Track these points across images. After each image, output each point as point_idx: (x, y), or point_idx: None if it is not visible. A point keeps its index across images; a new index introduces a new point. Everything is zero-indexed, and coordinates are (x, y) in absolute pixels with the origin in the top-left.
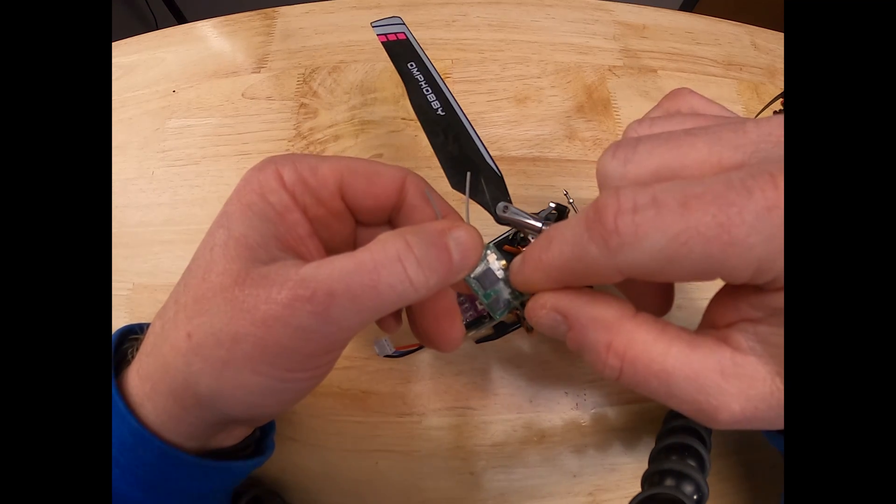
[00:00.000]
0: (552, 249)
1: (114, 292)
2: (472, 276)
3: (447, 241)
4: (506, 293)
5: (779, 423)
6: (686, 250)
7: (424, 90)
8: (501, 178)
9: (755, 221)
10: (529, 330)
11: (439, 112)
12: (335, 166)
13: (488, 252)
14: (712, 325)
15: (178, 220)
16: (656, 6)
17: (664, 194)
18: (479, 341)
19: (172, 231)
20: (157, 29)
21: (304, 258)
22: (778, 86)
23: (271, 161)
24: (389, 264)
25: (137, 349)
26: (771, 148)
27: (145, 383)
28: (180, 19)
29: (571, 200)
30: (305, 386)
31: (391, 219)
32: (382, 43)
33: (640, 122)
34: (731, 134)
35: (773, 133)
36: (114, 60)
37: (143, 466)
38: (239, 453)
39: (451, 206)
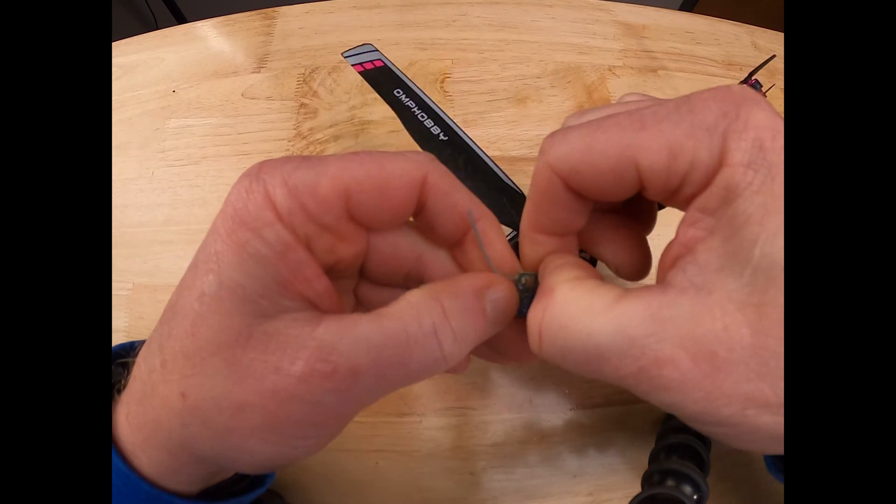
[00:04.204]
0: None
1: (114, 292)
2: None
3: (484, 303)
4: None
5: (754, 379)
6: (604, 138)
7: (419, 117)
8: (524, 196)
9: (666, 113)
10: None
11: (441, 138)
12: (337, 181)
13: (523, 279)
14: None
15: (178, 220)
16: (656, 6)
17: (587, 116)
18: None
19: (172, 231)
20: (157, 29)
21: (314, 303)
22: (779, 86)
23: (258, 177)
24: (424, 339)
25: (126, 382)
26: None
27: (136, 434)
28: (180, 19)
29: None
30: (317, 448)
31: (414, 217)
32: (360, 73)
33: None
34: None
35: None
36: (114, 60)
37: None
38: (240, 482)
39: (481, 206)
